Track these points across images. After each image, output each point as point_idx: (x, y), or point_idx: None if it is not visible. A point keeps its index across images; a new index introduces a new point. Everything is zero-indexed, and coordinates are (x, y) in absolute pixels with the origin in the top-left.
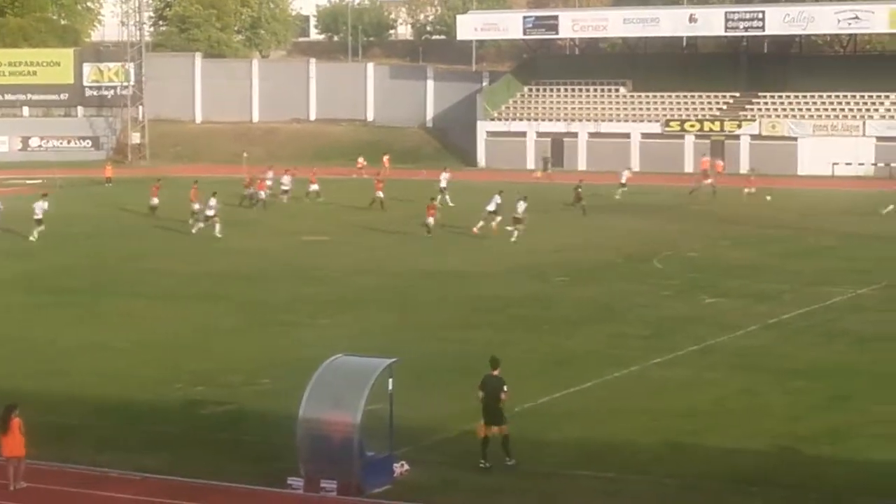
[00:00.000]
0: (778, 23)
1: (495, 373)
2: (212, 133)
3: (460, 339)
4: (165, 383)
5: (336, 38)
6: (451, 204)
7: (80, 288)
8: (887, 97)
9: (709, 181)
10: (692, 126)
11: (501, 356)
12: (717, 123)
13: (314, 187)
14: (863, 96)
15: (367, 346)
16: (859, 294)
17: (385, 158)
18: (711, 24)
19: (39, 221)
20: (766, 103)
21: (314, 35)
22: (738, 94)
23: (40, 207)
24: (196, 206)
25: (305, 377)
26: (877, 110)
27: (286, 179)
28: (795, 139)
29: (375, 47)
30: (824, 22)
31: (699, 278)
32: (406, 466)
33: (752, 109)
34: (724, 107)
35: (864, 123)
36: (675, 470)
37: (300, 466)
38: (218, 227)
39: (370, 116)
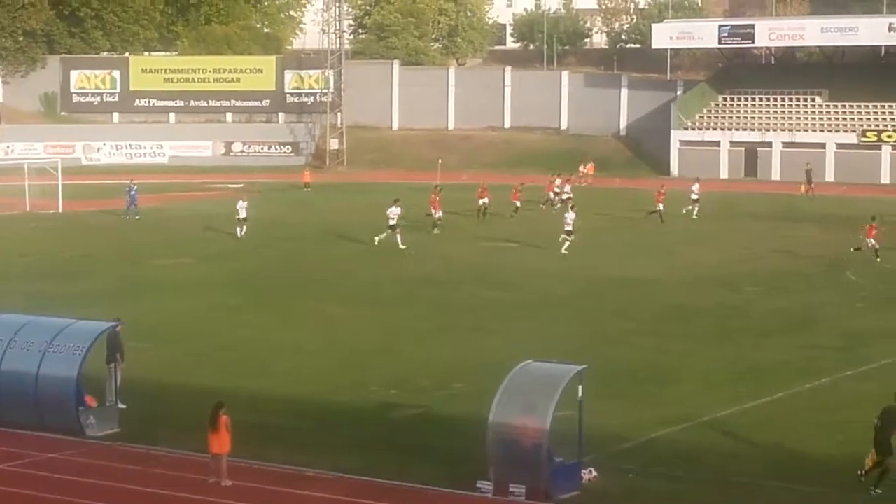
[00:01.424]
0: None
1: None
2: (408, 140)
3: (650, 346)
4: (359, 386)
5: (532, 47)
6: (694, 217)
7: (277, 289)
8: None
9: None
10: (889, 137)
11: (690, 365)
12: None
13: (483, 201)
14: None
15: (557, 352)
16: None
17: (589, 167)
18: None
19: (244, 220)
20: None
21: (510, 43)
22: None
23: (243, 207)
24: (438, 214)
25: (496, 382)
26: None
27: (567, 188)
28: None
29: (570, 56)
30: None
31: (894, 290)
32: (594, 473)
33: None
34: None
35: None
36: (865, 486)
37: (489, 470)
38: (398, 237)
39: (564, 125)
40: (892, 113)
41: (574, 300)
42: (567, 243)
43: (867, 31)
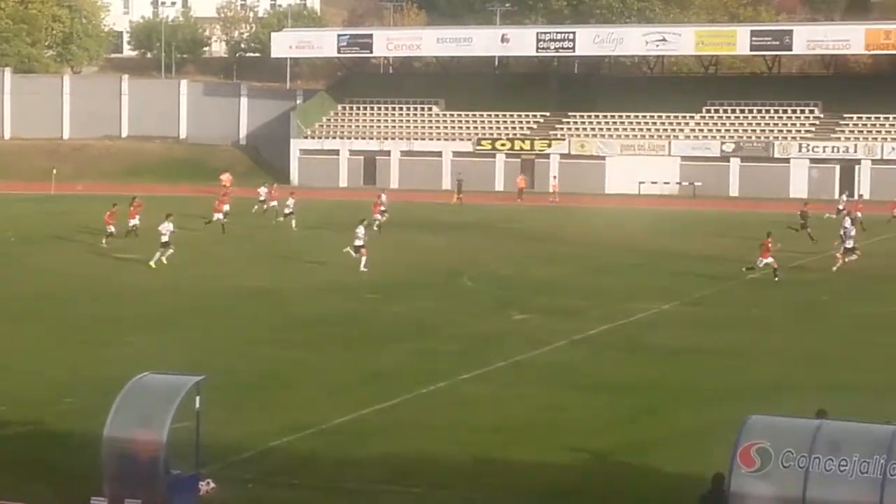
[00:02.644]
0: (588, 44)
1: None
2: (21, 150)
3: (271, 355)
4: None
5: (149, 55)
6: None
7: None
8: (692, 118)
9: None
10: (503, 145)
11: (311, 372)
12: (528, 142)
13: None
14: (668, 117)
15: (175, 363)
16: (663, 310)
17: (225, 177)
18: (523, 44)
19: None
20: (575, 123)
21: (127, 51)
22: (548, 114)
23: None
24: (111, 229)
25: (111, 396)
26: (682, 130)
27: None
28: (604, 158)
29: (189, 64)
30: (633, 43)
31: (508, 295)
32: (212, 484)
33: (561, 129)
34: (535, 126)
35: (669, 143)
36: (481, 484)
37: (104, 486)
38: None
39: (183, 133)
40: (505, 121)
41: (195, 312)
42: (363, 258)
43: (481, 41)
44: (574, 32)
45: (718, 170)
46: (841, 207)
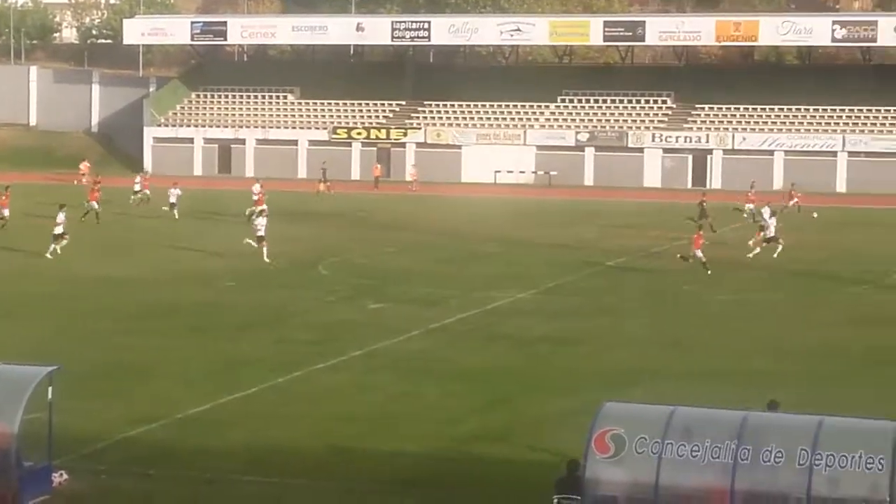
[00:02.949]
0: (443, 33)
1: None
2: None
3: (126, 345)
4: None
5: None
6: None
7: None
8: (547, 107)
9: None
10: (359, 134)
11: (167, 362)
12: (384, 131)
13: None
14: (524, 106)
15: (28, 354)
16: (518, 298)
17: (84, 165)
18: (378, 33)
19: None
20: (431, 112)
21: None
22: (404, 103)
23: None
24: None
25: None
26: (537, 120)
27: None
28: (460, 147)
29: (39, 50)
30: (488, 33)
31: (364, 284)
32: (65, 476)
33: (417, 118)
34: (391, 115)
35: (525, 132)
36: (336, 473)
37: None
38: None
39: (33, 121)
40: (361, 110)
41: (48, 300)
42: (264, 248)
43: (337, 30)
44: (429, 22)
45: (573, 159)
46: (751, 195)
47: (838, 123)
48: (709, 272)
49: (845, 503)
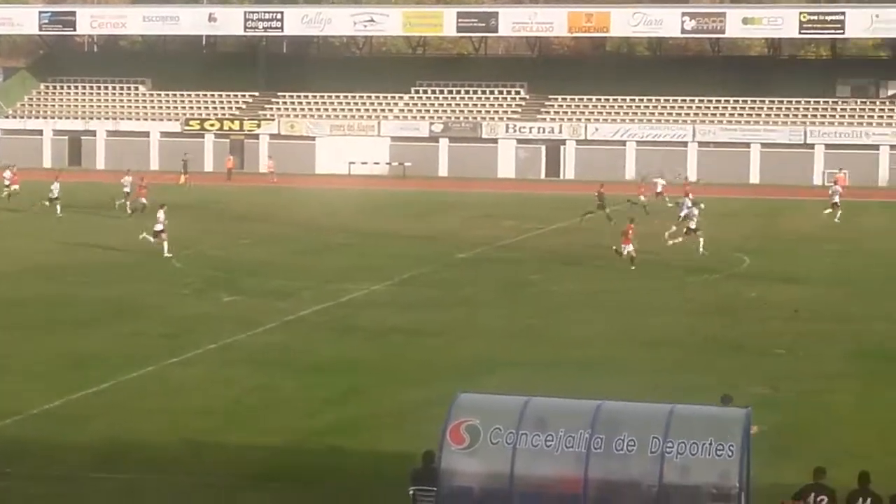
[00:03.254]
0: (296, 24)
1: None
2: None
3: None
4: None
5: None
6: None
7: None
8: (401, 98)
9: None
10: (212, 125)
11: (15, 357)
12: (237, 123)
13: None
14: (378, 97)
15: None
16: (373, 290)
17: None
18: (231, 23)
19: None
20: (285, 103)
21: None
22: (257, 94)
23: None
24: None
25: None
26: (391, 111)
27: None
28: (314, 138)
29: None
30: (341, 24)
31: (218, 276)
32: None
33: (271, 109)
34: (244, 106)
35: (379, 123)
36: (192, 468)
37: None
38: None
39: None
40: (214, 101)
41: None
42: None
43: (189, 20)
44: (282, 12)
45: (427, 150)
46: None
47: (688, 114)
48: (633, 267)
49: (696, 489)
